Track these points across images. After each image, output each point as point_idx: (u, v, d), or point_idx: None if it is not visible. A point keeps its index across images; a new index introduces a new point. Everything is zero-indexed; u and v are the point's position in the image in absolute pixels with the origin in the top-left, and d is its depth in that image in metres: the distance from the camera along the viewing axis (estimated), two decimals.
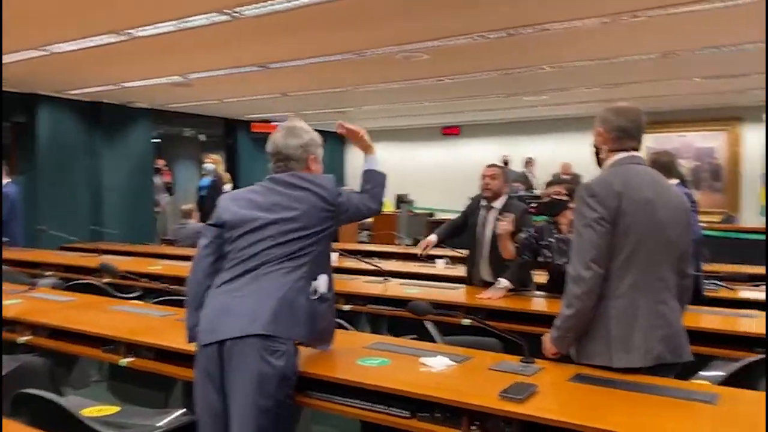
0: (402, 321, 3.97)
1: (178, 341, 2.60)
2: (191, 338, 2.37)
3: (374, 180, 2.56)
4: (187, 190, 11.81)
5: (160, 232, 10.84)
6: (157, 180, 10.97)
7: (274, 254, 2.30)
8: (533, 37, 5.74)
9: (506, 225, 3.75)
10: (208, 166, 9.28)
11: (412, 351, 2.54)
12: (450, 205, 10.82)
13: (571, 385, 2.13)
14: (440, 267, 5.42)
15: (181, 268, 5.29)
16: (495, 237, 4.03)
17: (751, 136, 10.34)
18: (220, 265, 2.38)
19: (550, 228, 3.76)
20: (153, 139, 11.00)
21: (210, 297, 2.33)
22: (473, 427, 1.97)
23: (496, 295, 3.73)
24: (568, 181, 3.94)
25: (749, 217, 10.14)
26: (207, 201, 9.05)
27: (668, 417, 1.84)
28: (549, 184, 3.93)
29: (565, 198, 3.68)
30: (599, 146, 2.45)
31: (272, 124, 12.22)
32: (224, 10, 4.95)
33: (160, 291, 4.06)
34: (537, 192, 9.93)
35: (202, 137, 12.62)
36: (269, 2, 4.77)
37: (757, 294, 4.00)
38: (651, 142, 9.70)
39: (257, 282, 2.28)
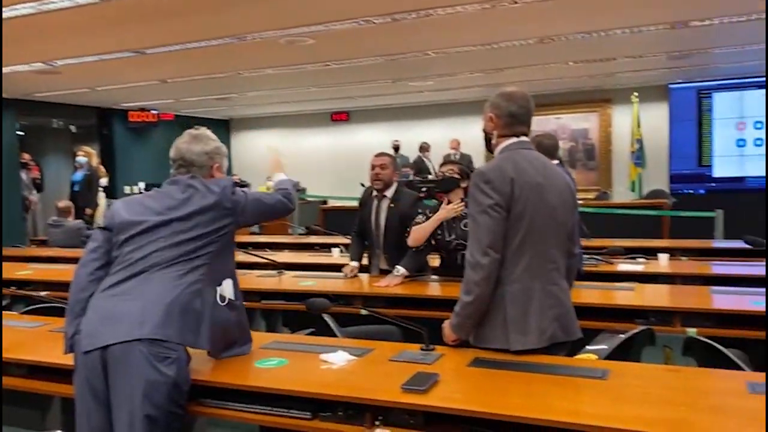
0: (299, 314, 3.88)
1: (54, 354, 2.38)
2: (69, 348, 2.18)
3: (284, 184, 2.59)
4: (59, 186, 10.98)
5: (30, 233, 10.01)
6: (24, 176, 10.11)
7: (166, 256, 2.17)
8: (417, 22, 5.76)
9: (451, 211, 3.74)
10: (81, 159, 8.70)
11: (310, 348, 2.46)
12: (342, 192, 10.77)
13: (472, 371, 2.14)
14: (336, 256, 5.36)
15: (55, 272, 4.90)
16: (388, 225, 4.03)
17: (620, 117, 11.02)
18: (107, 271, 2.23)
19: (442, 206, 3.81)
20: (17, 131, 10.11)
21: (93, 301, 2.17)
22: (377, 422, 1.94)
23: (393, 282, 3.72)
24: (460, 162, 4.02)
25: (621, 193, 10.83)
26: (80, 197, 8.47)
27: (564, 396, 1.89)
28: (443, 164, 3.99)
29: (457, 176, 3.75)
30: (490, 132, 2.47)
31: (152, 112, 11.61)
32: None
33: (31, 298, 3.72)
34: (431, 177, 10.13)
35: (73, 128, 11.76)
36: None
37: (633, 266, 4.25)
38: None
39: (146, 285, 2.14)
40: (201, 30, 5.89)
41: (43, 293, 4.33)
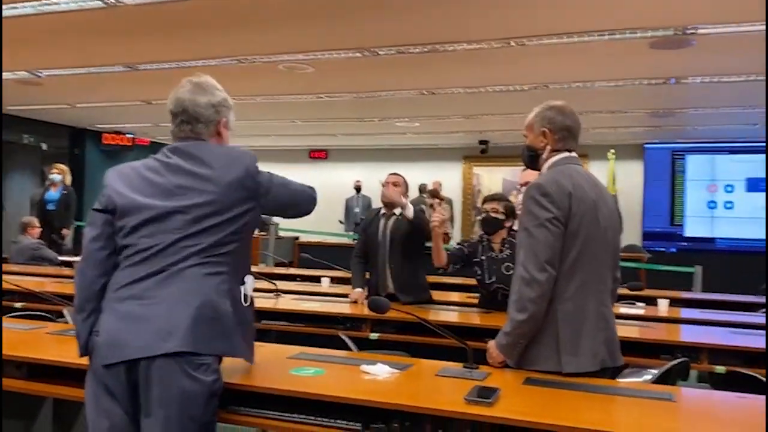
0: (294, 336, 3.70)
1: (54, 353, 2.18)
2: (85, 350, 1.92)
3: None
4: (21, 204, 10.50)
5: None
6: None
7: (187, 250, 1.86)
8: (420, 58, 5.77)
9: (439, 216, 3.51)
10: (55, 176, 8.32)
11: (345, 360, 2.29)
12: (316, 227, 10.58)
13: (529, 388, 2.00)
14: (325, 286, 5.20)
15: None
16: (394, 237, 3.90)
17: (596, 172, 11.13)
18: (116, 260, 1.93)
19: (483, 245, 3.67)
20: None
21: (108, 303, 1.89)
22: None
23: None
24: (506, 198, 3.80)
25: None
26: (57, 216, 8.09)
27: (642, 414, 1.77)
28: (485, 201, 3.77)
29: (501, 216, 3.61)
30: (540, 146, 2.40)
31: (127, 136, 11.34)
32: None
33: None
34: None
35: (44, 146, 11.36)
36: None
37: (635, 310, 4.21)
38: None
39: (169, 285, 1.85)
40: (200, 47, 5.75)
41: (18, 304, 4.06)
